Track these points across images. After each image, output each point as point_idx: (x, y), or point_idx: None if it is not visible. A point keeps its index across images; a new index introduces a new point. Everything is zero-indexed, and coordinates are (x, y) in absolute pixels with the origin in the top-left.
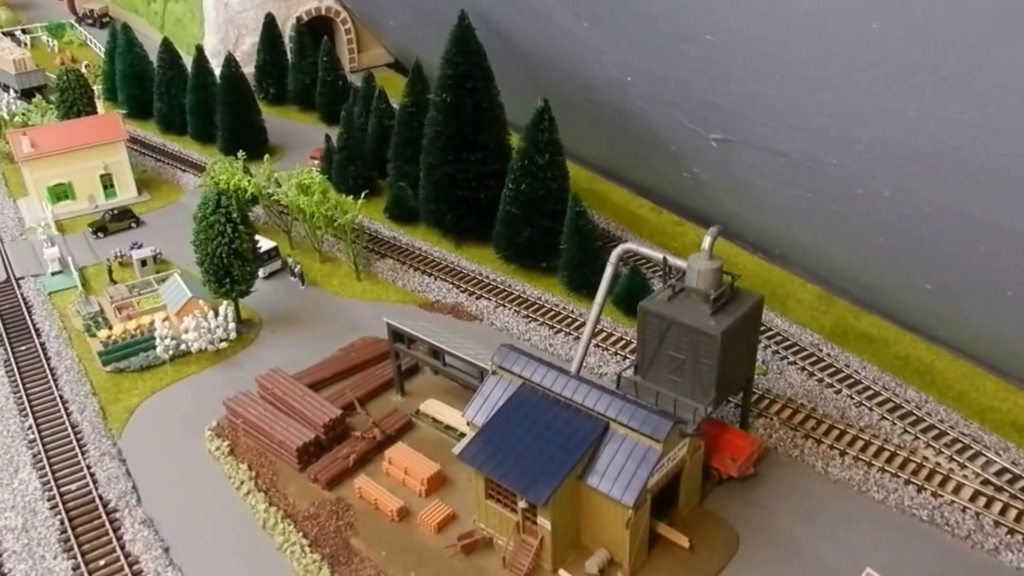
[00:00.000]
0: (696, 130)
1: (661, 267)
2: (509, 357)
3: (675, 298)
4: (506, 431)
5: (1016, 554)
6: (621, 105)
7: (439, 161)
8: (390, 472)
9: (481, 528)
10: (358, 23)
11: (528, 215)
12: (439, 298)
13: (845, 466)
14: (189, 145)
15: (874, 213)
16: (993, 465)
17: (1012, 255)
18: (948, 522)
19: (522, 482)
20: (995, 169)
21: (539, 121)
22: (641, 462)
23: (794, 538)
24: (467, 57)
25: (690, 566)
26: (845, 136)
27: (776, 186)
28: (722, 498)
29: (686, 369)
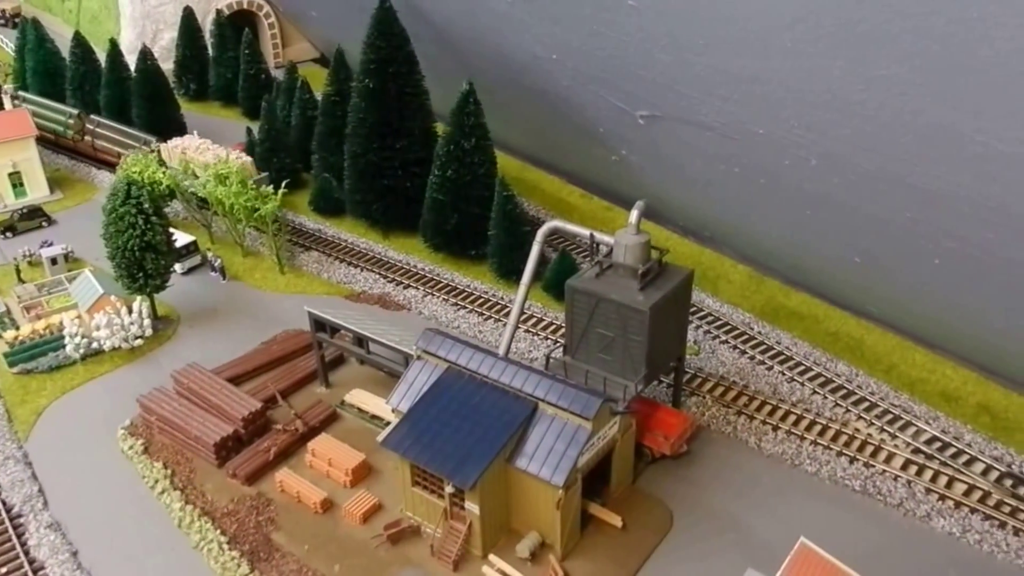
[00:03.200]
0: (623, 107)
1: (588, 243)
2: (434, 341)
3: (603, 275)
4: (432, 416)
5: (947, 520)
6: (548, 86)
7: (363, 150)
8: (313, 464)
9: (408, 517)
10: (282, 17)
11: (455, 202)
12: (365, 289)
13: (778, 441)
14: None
15: (802, 184)
16: (923, 434)
17: (937, 220)
18: (880, 491)
19: (448, 467)
20: (921, 128)
21: (464, 105)
22: (571, 442)
23: (728, 513)
24: (389, 41)
25: (623, 545)
26: (770, 102)
27: (704, 163)
28: (656, 477)
29: (616, 347)
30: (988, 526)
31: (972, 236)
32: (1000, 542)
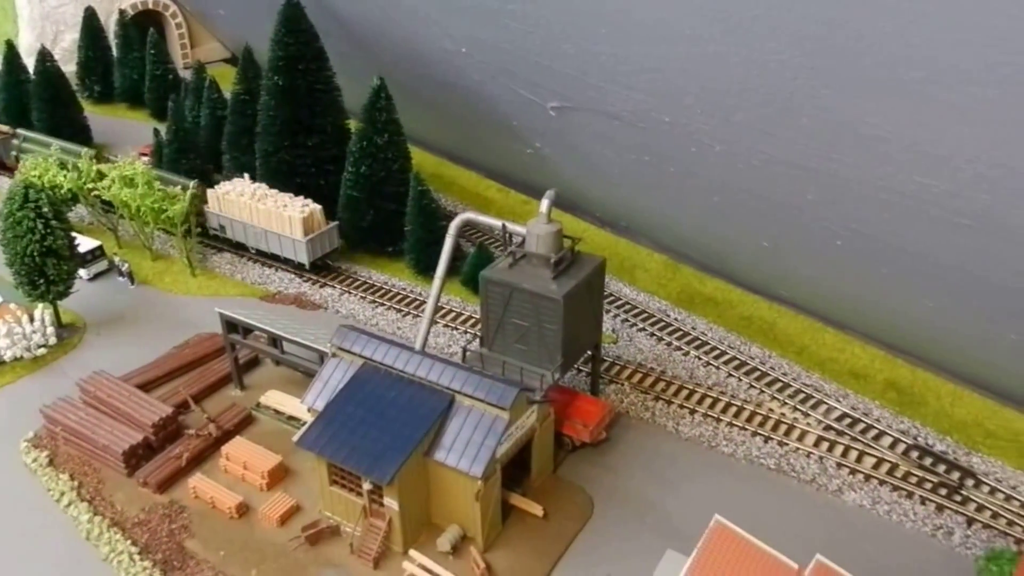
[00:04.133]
0: (533, 99)
1: (500, 234)
2: (348, 337)
3: (516, 265)
4: (347, 413)
5: (858, 492)
6: (459, 80)
7: (275, 148)
8: (228, 469)
9: (327, 517)
10: (189, 16)
11: (371, 198)
12: (280, 289)
13: (695, 424)
14: None
15: (708, 171)
16: (834, 412)
17: (837, 202)
18: (794, 468)
19: (365, 463)
20: (815, 112)
21: (376, 100)
22: (488, 432)
23: (647, 496)
24: (298, 38)
25: (545, 534)
26: (674, 90)
27: (615, 153)
28: (576, 465)
29: (531, 336)
30: (897, 496)
31: (870, 217)
32: (908, 511)
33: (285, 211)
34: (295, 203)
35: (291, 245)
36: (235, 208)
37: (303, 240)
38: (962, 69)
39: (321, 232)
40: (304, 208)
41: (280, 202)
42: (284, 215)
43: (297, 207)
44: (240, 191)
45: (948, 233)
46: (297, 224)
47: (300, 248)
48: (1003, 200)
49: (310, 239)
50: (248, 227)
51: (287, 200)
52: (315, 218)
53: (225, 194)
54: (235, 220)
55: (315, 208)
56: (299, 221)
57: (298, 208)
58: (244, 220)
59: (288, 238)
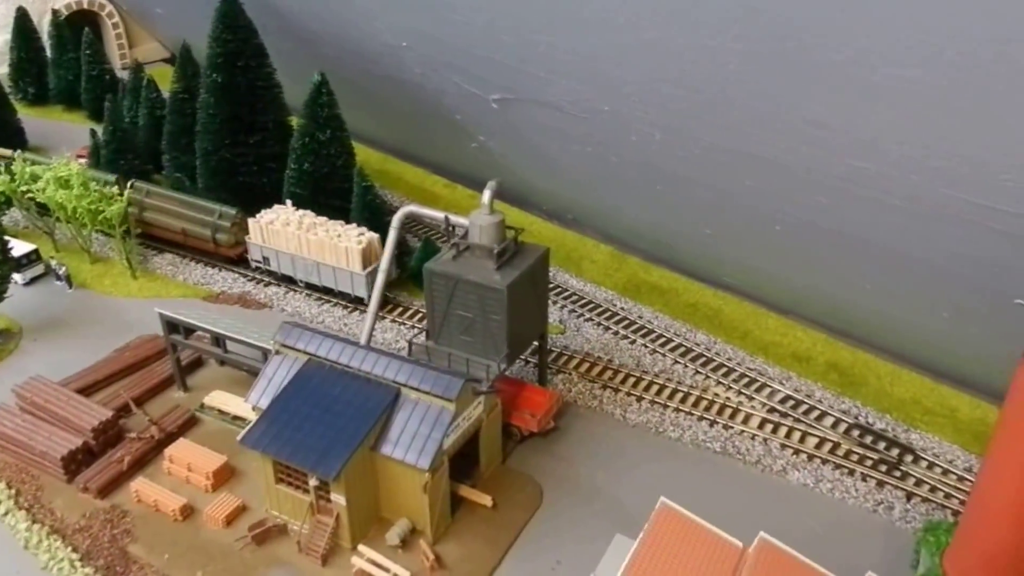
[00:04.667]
0: (476, 92)
1: (443, 226)
2: (292, 334)
3: (460, 256)
4: (292, 410)
5: (801, 472)
6: (402, 75)
7: (215, 146)
8: (172, 471)
9: (274, 516)
10: (126, 16)
11: (314, 195)
12: (224, 289)
13: (642, 410)
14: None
15: (650, 159)
16: (778, 394)
17: (775, 187)
18: (739, 450)
19: (311, 460)
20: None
21: (317, 96)
22: (435, 424)
23: (595, 483)
24: (236, 34)
25: (495, 524)
26: (613, 79)
27: (559, 144)
28: (525, 455)
29: (476, 328)
30: (839, 475)
31: (806, 201)
32: (850, 488)
33: (341, 242)
34: (349, 233)
35: (347, 278)
36: (282, 239)
37: (362, 273)
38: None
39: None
40: (361, 238)
41: (333, 231)
42: (340, 246)
43: (353, 237)
44: (286, 220)
45: (881, 215)
46: (355, 256)
47: (358, 281)
48: (930, 180)
49: (369, 271)
50: (297, 259)
51: (340, 229)
52: (373, 248)
53: (269, 224)
54: (282, 252)
55: (372, 237)
56: (357, 253)
57: (354, 238)
58: (292, 252)
59: (344, 271)
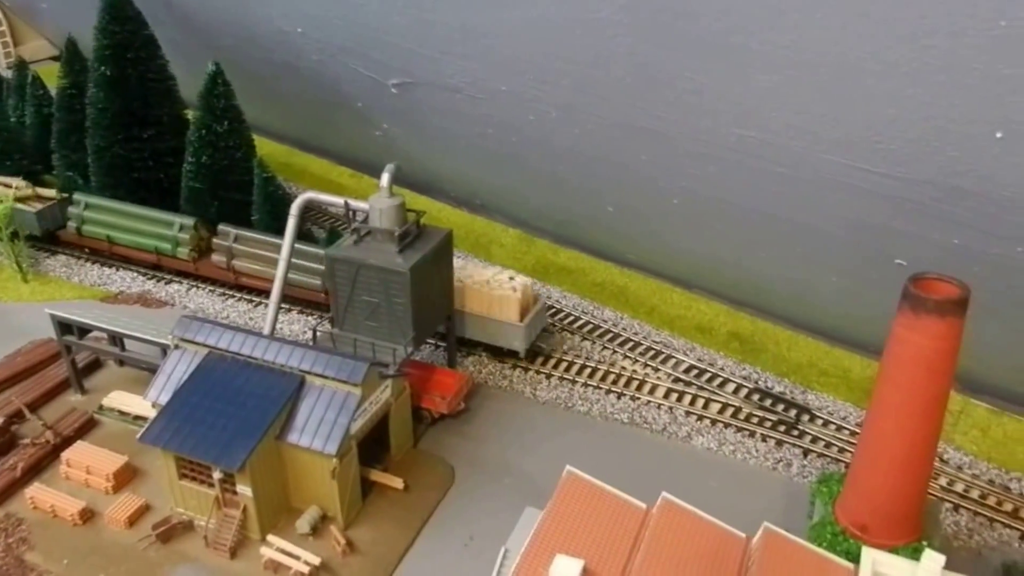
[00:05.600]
0: (375, 78)
1: (343, 212)
2: (191, 327)
3: (361, 241)
4: (193, 404)
5: (705, 437)
6: (299, 63)
7: (108, 143)
8: (70, 475)
9: (180, 512)
10: (10, 13)
11: (214, 189)
12: (123, 288)
13: (552, 387)
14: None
15: (549, 138)
16: (682, 364)
17: (668, 160)
18: (646, 420)
19: (213, 452)
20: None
21: (213, 87)
22: (341, 410)
23: (507, 460)
24: (124, 25)
25: (407, 506)
26: (505, 56)
27: (460, 127)
28: (437, 437)
29: (381, 312)
30: (740, 437)
31: (698, 173)
32: (751, 449)
33: (493, 290)
34: (499, 277)
35: (499, 330)
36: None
37: (521, 325)
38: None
39: (537, 310)
40: (514, 282)
41: (479, 277)
42: (493, 295)
43: (504, 282)
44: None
45: (769, 183)
46: (512, 305)
47: (514, 333)
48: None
49: (529, 322)
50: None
51: (487, 274)
52: (528, 294)
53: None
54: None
55: (526, 282)
56: (514, 302)
57: (506, 285)
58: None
59: (496, 321)
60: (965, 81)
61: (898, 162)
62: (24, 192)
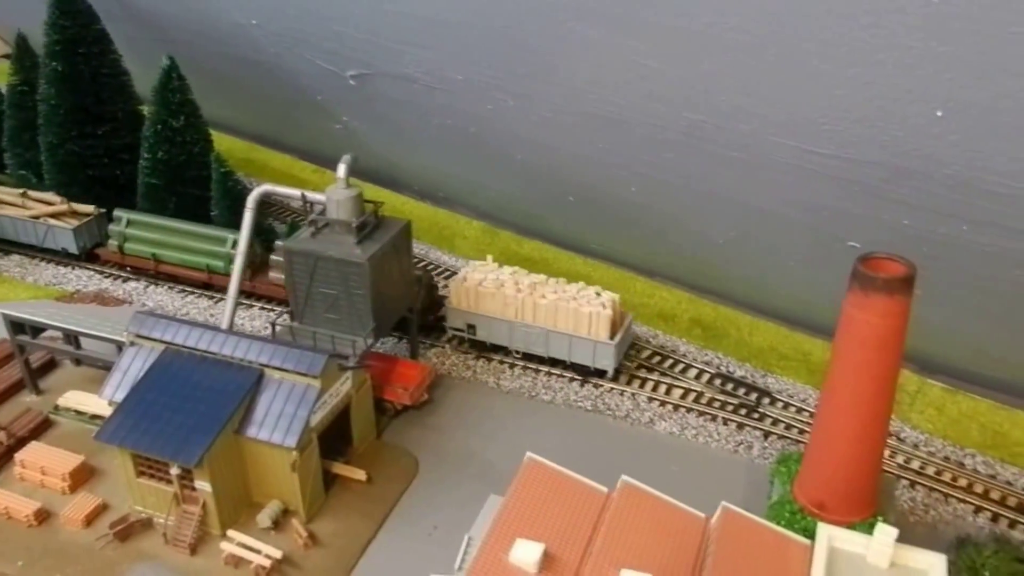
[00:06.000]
0: (332, 69)
1: (300, 204)
2: (147, 323)
3: (319, 233)
4: (149, 400)
5: (668, 422)
6: (257, 56)
7: (61, 139)
8: (24, 476)
9: (138, 511)
10: None
11: (171, 185)
12: (80, 287)
13: (515, 377)
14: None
15: (507, 128)
16: (644, 351)
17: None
18: (609, 407)
19: (170, 448)
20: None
21: (167, 81)
22: (300, 402)
23: (471, 449)
24: (75, 19)
25: (370, 498)
26: (460, 44)
27: (419, 119)
28: (400, 428)
29: (341, 304)
30: (702, 421)
31: (655, 159)
32: (713, 433)
33: (582, 306)
34: (584, 294)
35: (588, 348)
36: (498, 304)
37: (611, 344)
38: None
39: (626, 327)
40: (601, 298)
41: (565, 293)
42: (582, 312)
43: (591, 298)
44: (498, 280)
45: (723, 168)
46: (602, 322)
47: (604, 352)
48: (758, 129)
49: (620, 340)
50: (517, 327)
51: (573, 291)
52: (617, 311)
53: (478, 285)
54: (496, 319)
55: (614, 297)
56: (605, 319)
57: (595, 301)
58: (511, 319)
59: (585, 340)
60: (904, 60)
61: (845, 143)
62: (59, 208)
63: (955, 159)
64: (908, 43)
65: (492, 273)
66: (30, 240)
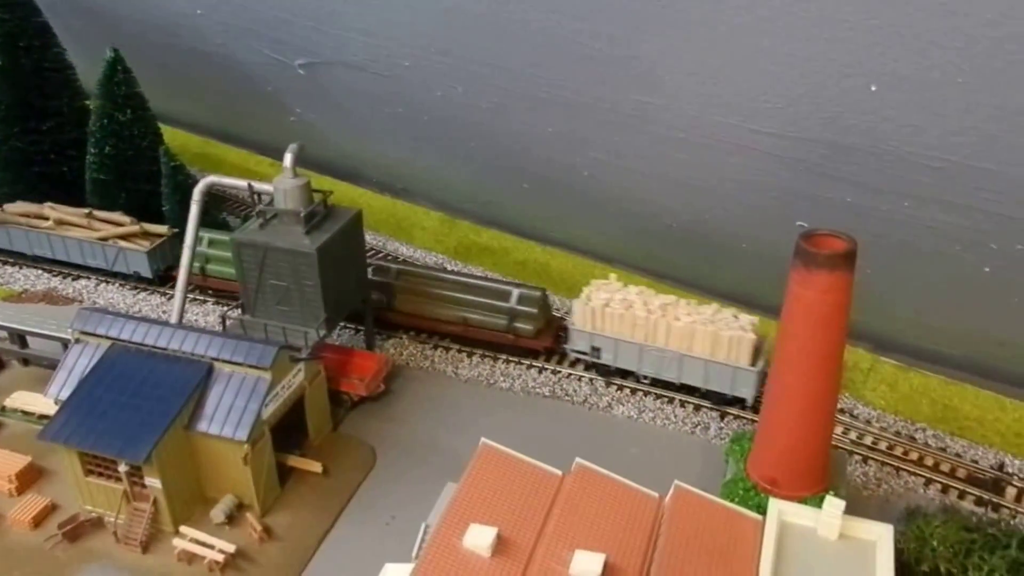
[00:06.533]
0: (281, 59)
1: (247, 195)
2: (92, 320)
3: (267, 224)
4: (95, 398)
5: (626, 406)
6: (204, 47)
7: (4, 136)
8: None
9: (88, 510)
10: None
11: (120, 180)
12: (27, 287)
13: (473, 365)
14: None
15: (457, 115)
16: None
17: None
18: (567, 392)
19: (117, 445)
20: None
21: (112, 74)
22: (251, 395)
23: (430, 439)
24: (14, 12)
25: (327, 490)
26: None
27: (370, 108)
28: (358, 420)
29: (292, 296)
30: (660, 404)
31: (605, 143)
32: (670, 415)
33: (722, 330)
34: (721, 317)
35: (726, 375)
36: (626, 326)
37: (753, 370)
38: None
39: (767, 352)
40: (740, 322)
41: (700, 315)
42: (722, 336)
43: (729, 321)
44: (626, 300)
45: (671, 149)
46: (744, 348)
47: (744, 379)
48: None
49: (761, 367)
50: (648, 350)
51: (708, 312)
52: (759, 334)
53: (605, 306)
54: (624, 341)
55: (753, 321)
56: (747, 344)
57: (734, 324)
58: (640, 342)
59: (723, 366)
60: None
61: (787, 121)
62: (129, 229)
63: (892, 134)
64: (841, 16)
65: (618, 293)
66: (99, 263)
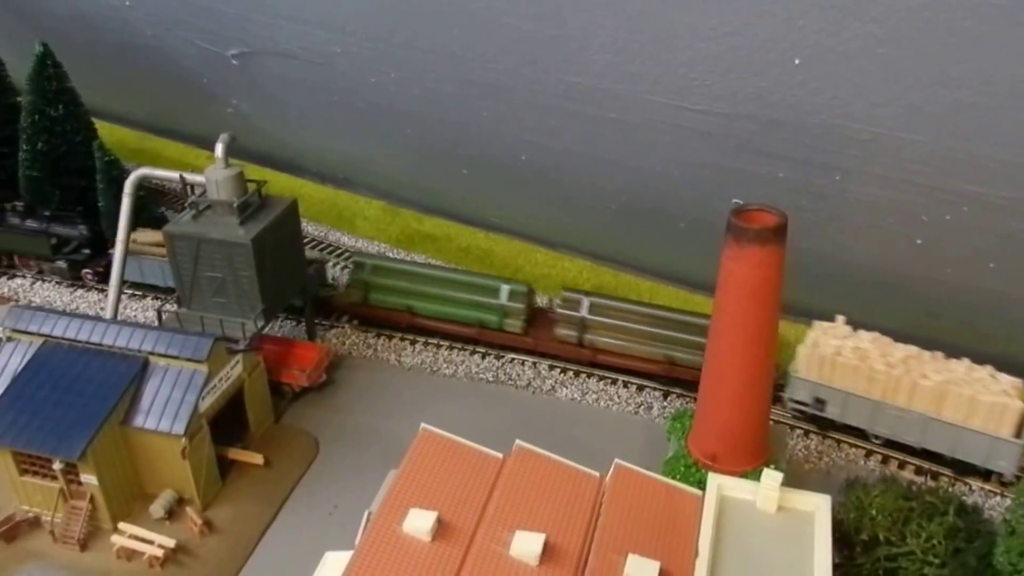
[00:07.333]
0: (214, 50)
1: (179, 186)
2: (23, 317)
3: (200, 216)
4: (27, 396)
5: (569, 388)
6: (134, 40)
7: None
8: None
9: (24, 510)
10: None
11: (54, 176)
12: None
13: (416, 353)
14: None
15: (393, 102)
16: None
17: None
18: (511, 377)
19: (51, 443)
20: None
21: (42, 69)
22: (188, 388)
23: (373, 427)
24: None
25: (269, 481)
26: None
27: (305, 96)
28: (300, 411)
29: (228, 287)
30: (603, 385)
31: (539, 126)
32: (613, 396)
33: (979, 394)
34: (976, 376)
35: (982, 445)
36: (861, 379)
37: (1017, 443)
38: None
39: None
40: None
41: (952, 373)
42: (981, 401)
43: (986, 381)
44: (859, 349)
45: (604, 130)
46: (1008, 416)
47: (1003, 452)
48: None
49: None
50: (885, 408)
51: (961, 370)
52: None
53: (836, 355)
54: (857, 396)
55: (1016, 383)
56: (1013, 412)
57: (994, 387)
58: (877, 398)
59: (979, 434)
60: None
61: (715, 97)
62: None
63: (819, 108)
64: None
65: (849, 339)
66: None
